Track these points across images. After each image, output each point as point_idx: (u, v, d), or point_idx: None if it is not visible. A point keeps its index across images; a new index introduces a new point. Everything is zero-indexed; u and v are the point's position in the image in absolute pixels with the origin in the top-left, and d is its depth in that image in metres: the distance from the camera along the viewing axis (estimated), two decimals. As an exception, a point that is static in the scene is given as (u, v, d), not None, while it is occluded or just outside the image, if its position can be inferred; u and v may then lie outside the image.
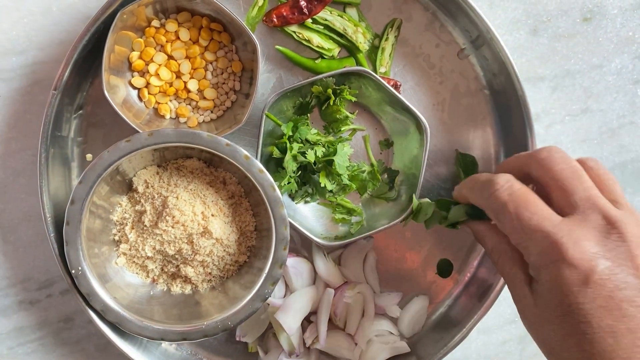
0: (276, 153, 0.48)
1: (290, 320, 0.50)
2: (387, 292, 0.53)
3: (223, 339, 0.53)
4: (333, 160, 0.48)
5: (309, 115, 0.50)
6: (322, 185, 0.49)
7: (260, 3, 0.49)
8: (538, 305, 0.35)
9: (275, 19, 0.49)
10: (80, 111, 0.50)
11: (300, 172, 0.49)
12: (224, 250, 0.50)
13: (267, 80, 0.50)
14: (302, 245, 0.53)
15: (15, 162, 0.51)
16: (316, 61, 0.50)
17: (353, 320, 0.50)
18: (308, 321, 0.52)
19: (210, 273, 0.50)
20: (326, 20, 0.50)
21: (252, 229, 0.50)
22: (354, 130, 0.52)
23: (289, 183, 0.49)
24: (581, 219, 0.34)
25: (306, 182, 0.50)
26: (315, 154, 0.48)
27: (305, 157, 0.48)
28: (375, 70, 0.51)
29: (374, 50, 0.51)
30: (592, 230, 0.34)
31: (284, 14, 0.49)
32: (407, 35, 0.51)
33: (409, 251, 0.53)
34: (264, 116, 0.47)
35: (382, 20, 0.51)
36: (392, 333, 0.53)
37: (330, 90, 0.48)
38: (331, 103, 0.49)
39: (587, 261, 0.33)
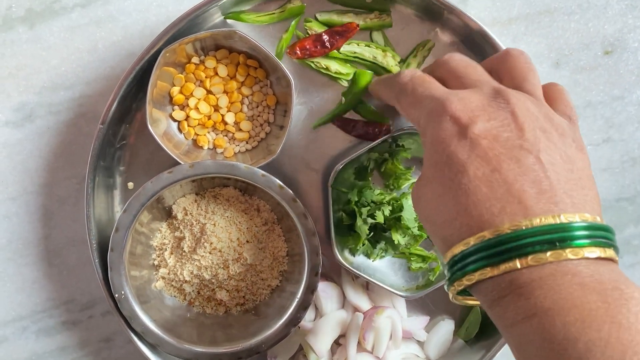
0: (346, 220, 0.51)
1: (320, 343, 0.52)
2: (415, 316, 0.55)
3: (254, 360, 0.55)
4: (401, 216, 0.50)
5: (370, 178, 0.53)
6: (395, 242, 0.51)
7: (284, 37, 0.52)
8: (424, 171, 0.35)
9: (298, 52, 0.51)
10: (124, 142, 0.52)
11: (371, 232, 0.51)
12: (257, 275, 0.52)
13: (300, 112, 0.53)
14: (331, 269, 0.55)
15: (61, 190, 0.54)
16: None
17: (381, 343, 0.52)
18: (337, 344, 0.54)
19: (243, 297, 0.53)
20: (355, 53, 0.52)
21: (284, 255, 0.53)
22: (413, 183, 0.54)
23: (363, 245, 0.51)
24: (472, 89, 0.35)
25: (378, 240, 0.52)
26: (383, 213, 0.50)
27: (375, 219, 0.50)
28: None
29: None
30: (480, 94, 0.34)
31: (307, 47, 0.51)
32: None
33: (435, 276, 0.55)
34: (330, 188, 0.50)
35: (407, 47, 0.53)
36: (418, 356, 0.54)
37: (387, 154, 0.51)
38: (389, 165, 0.52)
39: (468, 115, 0.33)
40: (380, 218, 0.50)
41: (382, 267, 0.54)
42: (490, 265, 0.30)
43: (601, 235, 0.30)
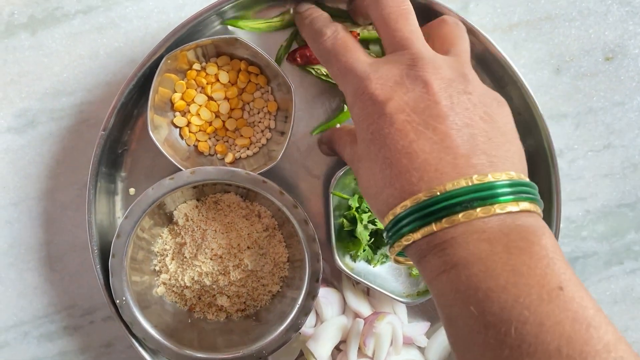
0: (347, 225, 0.51)
1: (321, 348, 0.52)
2: (415, 321, 0.55)
3: (255, 365, 0.55)
4: None
5: None
6: None
7: (284, 44, 0.52)
8: (356, 148, 0.38)
9: (298, 59, 0.51)
10: (125, 148, 0.53)
11: (372, 238, 0.51)
12: (258, 281, 0.52)
13: (300, 119, 0.53)
14: (332, 275, 0.55)
15: (62, 196, 0.54)
16: None
17: (382, 349, 0.52)
18: (338, 350, 0.54)
19: (244, 303, 0.53)
20: None
21: (285, 260, 0.53)
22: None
23: (364, 251, 0.52)
24: (392, 58, 0.37)
25: (379, 246, 0.52)
26: None
27: (376, 225, 0.50)
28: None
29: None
30: (398, 66, 0.36)
31: (308, 54, 0.51)
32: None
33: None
34: (331, 195, 0.50)
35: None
36: (419, 362, 0.54)
37: None
38: None
39: (386, 92, 0.34)
40: (380, 224, 0.50)
41: (382, 273, 0.54)
42: (411, 232, 0.32)
43: (520, 190, 0.32)
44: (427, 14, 0.51)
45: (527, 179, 0.33)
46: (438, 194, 0.31)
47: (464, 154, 0.32)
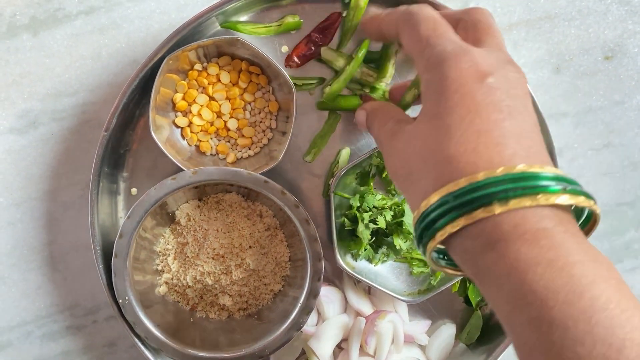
0: (348, 225, 0.51)
1: (322, 347, 0.52)
2: (416, 320, 0.55)
3: (257, 364, 0.56)
4: (403, 221, 0.51)
5: (371, 183, 0.53)
6: (397, 246, 0.51)
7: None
8: (420, 116, 0.35)
9: (297, 60, 0.51)
10: (127, 148, 0.53)
11: (373, 237, 0.51)
12: (260, 280, 0.52)
13: (302, 118, 0.53)
14: (333, 274, 0.55)
15: (65, 196, 0.54)
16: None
17: (383, 348, 0.52)
18: (339, 348, 0.55)
19: (246, 302, 0.53)
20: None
21: (287, 260, 0.53)
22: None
23: (365, 250, 0.52)
24: (489, 50, 0.35)
25: (380, 245, 0.53)
26: (385, 218, 0.50)
27: (377, 224, 0.50)
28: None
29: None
30: (496, 56, 0.34)
31: (303, 52, 0.51)
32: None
33: (437, 281, 0.55)
34: (333, 195, 0.50)
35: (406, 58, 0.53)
36: (420, 360, 0.55)
37: None
38: None
39: (488, 64, 0.33)
40: (382, 223, 0.51)
41: (384, 271, 0.54)
42: (503, 200, 0.29)
43: (574, 184, 0.31)
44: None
45: None
46: (537, 169, 0.29)
47: (543, 152, 0.32)
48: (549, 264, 0.28)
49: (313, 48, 0.52)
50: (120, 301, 0.49)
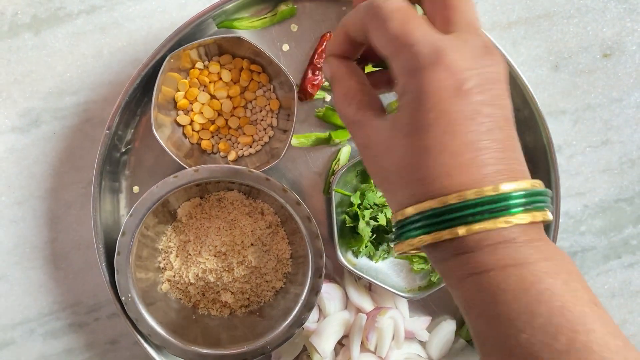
0: (349, 222, 0.52)
1: (324, 343, 0.53)
2: (417, 316, 0.56)
3: (259, 361, 0.56)
4: None
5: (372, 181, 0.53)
6: None
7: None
8: (395, 126, 0.33)
9: (310, 90, 0.52)
10: (129, 146, 0.53)
11: (374, 234, 0.52)
12: (262, 277, 0.52)
13: (302, 116, 0.54)
14: (334, 271, 0.55)
15: (67, 195, 0.54)
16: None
17: (384, 344, 0.53)
18: (341, 344, 0.55)
19: (248, 299, 0.53)
20: None
21: (288, 257, 0.53)
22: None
23: (366, 247, 0.52)
24: (463, 37, 0.32)
25: (381, 242, 0.53)
26: (386, 215, 0.51)
27: (378, 221, 0.51)
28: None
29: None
30: (471, 48, 0.32)
31: (313, 81, 0.52)
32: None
33: (437, 277, 0.56)
34: (334, 192, 0.50)
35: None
36: (420, 356, 0.55)
37: None
38: None
39: (463, 70, 0.31)
40: (382, 220, 0.51)
41: (384, 268, 0.54)
42: (468, 224, 0.30)
43: (537, 200, 0.31)
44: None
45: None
46: (505, 190, 0.30)
47: (520, 160, 0.32)
48: (502, 268, 0.30)
49: (318, 72, 0.52)
50: (123, 298, 0.49)
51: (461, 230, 0.30)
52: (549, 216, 0.32)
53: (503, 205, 0.30)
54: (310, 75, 0.52)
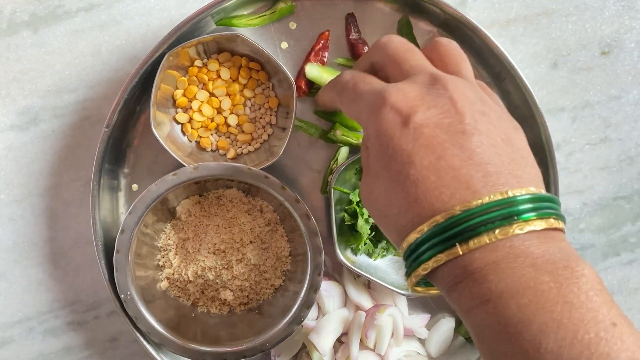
0: (348, 220, 0.52)
1: (323, 341, 0.53)
2: (416, 313, 0.56)
3: (258, 359, 0.56)
4: None
5: None
6: None
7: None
8: (369, 167, 0.35)
9: (304, 87, 0.52)
10: (128, 144, 0.53)
11: (373, 232, 0.52)
12: (261, 275, 0.52)
13: (301, 114, 0.54)
14: (333, 268, 0.55)
15: (66, 193, 0.54)
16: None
17: (383, 341, 0.53)
18: (340, 342, 0.55)
19: (247, 296, 0.53)
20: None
21: (287, 254, 0.53)
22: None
23: (365, 244, 0.52)
24: (409, 79, 0.35)
25: (379, 239, 0.53)
26: None
27: None
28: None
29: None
30: (419, 83, 0.34)
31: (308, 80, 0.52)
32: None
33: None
34: (332, 190, 0.50)
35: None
36: (420, 353, 0.55)
37: None
38: None
39: (408, 104, 0.33)
40: None
41: (383, 266, 0.54)
42: (443, 251, 0.30)
43: (547, 206, 0.31)
44: (426, 10, 0.52)
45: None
46: (473, 206, 0.30)
47: (494, 172, 0.31)
48: (500, 279, 0.29)
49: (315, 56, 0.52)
50: (122, 296, 0.49)
51: (473, 242, 0.30)
52: (562, 225, 0.32)
53: (512, 211, 0.30)
54: (302, 78, 0.52)
